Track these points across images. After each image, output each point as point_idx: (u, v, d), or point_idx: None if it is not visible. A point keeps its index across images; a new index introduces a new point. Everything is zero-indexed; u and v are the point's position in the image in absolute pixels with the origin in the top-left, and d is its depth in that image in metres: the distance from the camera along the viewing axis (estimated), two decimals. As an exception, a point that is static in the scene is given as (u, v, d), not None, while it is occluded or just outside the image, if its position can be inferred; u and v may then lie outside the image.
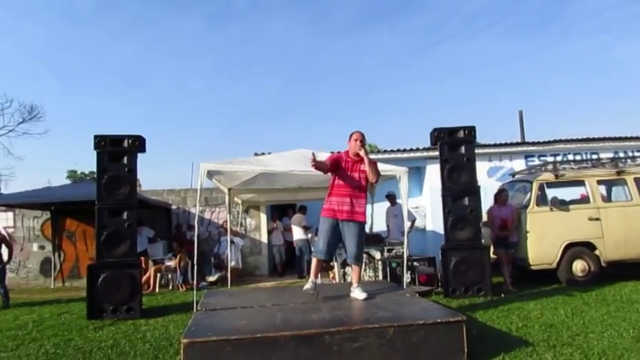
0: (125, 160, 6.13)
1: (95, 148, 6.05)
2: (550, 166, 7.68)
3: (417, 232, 10.49)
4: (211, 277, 9.77)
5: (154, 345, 4.47)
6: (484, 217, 7.60)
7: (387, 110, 64.47)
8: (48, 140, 53.94)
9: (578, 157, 11.34)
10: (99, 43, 52.81)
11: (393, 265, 7.12)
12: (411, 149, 11.44)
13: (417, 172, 11.50)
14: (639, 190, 7.14)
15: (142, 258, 9.28)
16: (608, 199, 7.57)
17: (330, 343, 3.33)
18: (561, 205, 7.15)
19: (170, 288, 9.42)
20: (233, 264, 9.45)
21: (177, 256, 9.42)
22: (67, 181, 32.88)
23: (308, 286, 4.50)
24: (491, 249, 7.10)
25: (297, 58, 66.86)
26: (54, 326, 5.59)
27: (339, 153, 4.74)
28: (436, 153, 6.85)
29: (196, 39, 65.71)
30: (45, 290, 10.26)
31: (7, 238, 7.91)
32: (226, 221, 9.87)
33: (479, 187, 6.74)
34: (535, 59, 61.01)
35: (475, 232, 6.49)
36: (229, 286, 8.63)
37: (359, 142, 4.49)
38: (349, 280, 7.46)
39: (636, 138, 11.59)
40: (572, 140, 11.74)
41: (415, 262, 7.25)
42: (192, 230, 11.11)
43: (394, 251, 7.64)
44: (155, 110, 62.75)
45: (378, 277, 7.32)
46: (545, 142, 11.76)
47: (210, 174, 6.55)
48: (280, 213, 11.54)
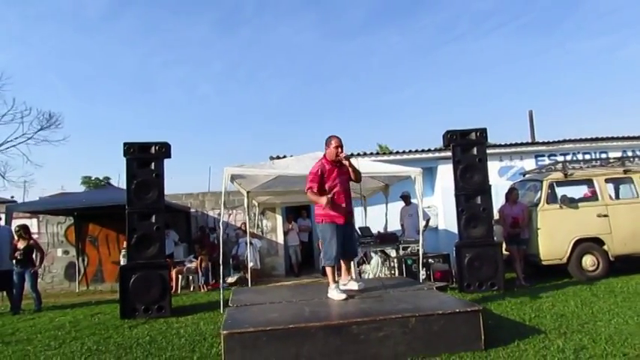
0: (153, 166, 6.47)
1: (124, 155, 6.39)
2: (559, 166, 7.91)
3: (430, 230, 10.71)
4: (231, 278, 10.07)
5: (188, 340, 4.78)
6: (496, 216, 7.86)
7: (397, 111, 64.69)
8: (60, 147, 54.76)
9: (587, 157, 11.51)
10: (108, 49, 53.71)
11: (408, 263, 7.39)
12: (423, 150, 11.69)
13: (428, 173, 11.74)
14: (646, 188, 7.36)
15: (169, 260, 9.69)
16: (616, 196, 7.80)
17: (358, 332, 3.62)
18: (570, 203, 7.38)
19: (192, 289, 9.75)
20: (252, 265, 9.75)
21: (199, 258, 9.75)
22: (82, 187, 33.55)
23: (342, 295, 4.57)
24: (504, 246, 7.36)
25: (306, 60, 67.35)
26: (90, 326, 5.92)
27: (318, 164, 4.75)
28: (447, 154, 7.12)
29: (205, 44, 66.48)
30: (70, 294, 10.67)
31: (38, 244, 8.26)
32: (244, 223, 10.19)
33: (490, 186, 7.00)
34: (545, 58, 60.94)
35: (487, 230, 6.74)
36: (249, 286, 8.93)
37: (340, 149, 4.63)
38: (365, 277, 7.78)
39: (643, 136, 11.73)
40: (581, 140, 11.92)
41: (430, 260, 7.51)
42: (213, 233, 11.50)
43: (409, 249, 7.91)
44: (166, 115, 63.55)
45: (394, 274, 7.59)
46: (555, 142, 11.95)
47: (233, 178, 6.87)
48: (295, 214, 11.86)
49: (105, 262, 11.59)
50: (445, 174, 10.76)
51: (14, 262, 7.55)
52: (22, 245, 7.55)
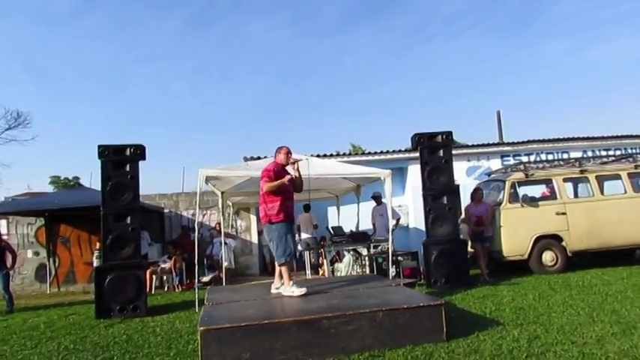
0: (128, 168, 6.54)
1: (99, 157, 6.44)
2: (521, 166, 8.34)
3: (401, 229, 11.06)
4: (205, 278, 10.16)
5: (164, 338, 4.90)
6: (462, 214, 8.23)
7: (370, 110, 65.34)
8: (28, 146, 53.20)
9: (550, 157, 12.11)
10: (77, 45, 52.38)
11: (379, 261, 7.66)
12: (394, 151, 12.04)
13: (399, 173, 12.08)
14: (600, 187, 7.86)
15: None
16: (574, 195, 8.28)
17: (328, 326, 3.83)
18: (531, 202, 7.81)
19: (166, 289, 9.80)
20: (226, 264, 9.86)
21: (173, 258, 9.81)
22: (50, 187, 32.76)
23: (303, 289, 4.77)
24: (469, 243, 7.72)
25: (279, 59, 67.25)
26: (65, 326, 5.95)
27: (272, 164, 5.07)
28: (418, 154, 7.41)
29: (177, 40, 65.58)
30: (41, 296, 10.54)
31: (10, 245, 8.19)
32: (219, 223, 10.29)
33: (458, 185, 7.34)
34: (513, 59, 62.64)
35: (453, 228, 7.09)
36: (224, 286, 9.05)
37: (290, 155, 5.05)
38: (338, 275, 8.02)
39: (602, 138, 12.40)
40: (544, 140, 12.50)
41: (399, 257, 7.80)
42: (193, 232, 11.56)
43: (380, 247, 8.19)
44: (138, 114, 62.46)
45: (365, 271, 7.85)
46: (520, 143, 12.50)
47: (208, 179, 6.99)
48: (270, 214, 11.99)
49: (77, 263, 11.48)
50: (416, 174, 11.02)
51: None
52: (-7, 247, 7.49)
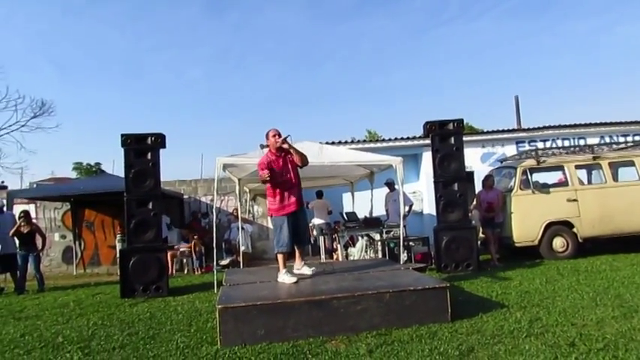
0: (149, 156, 6.84)
1: (122, 145, 6.75)
2: (533, 153, 8.39)
3: (415, 215, 11.21)
4: (223, 261, 10.52)
5: (185, 316, 5.22)
6: (474, 201, 8.36)
7: (386, 95, 64.82)
8: (53, 134, 54.50)
9: (566, 143, 12.06)
10: (95, 33, 53.00)
11: (391, 245, 7.88)
12: (409, 138, 12.12)
13: (413, 159, 12.20)
14: (612, 174, 7.88)
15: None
16: (587, 181, 8.31)
17: (338, 306, 4.08)
18: (542, 188, 7.89)
19: (185, 272, 10.20)
20: (243, 248, 10.19)
21: (193, 242, 10.18)
22: (73, 173, 33.66)
23: (293, 279, 4.91)
24: (480, 229, 7.86)
25: (295, 43, 66.98)
26: (93, 304, 6.35)
27: (264, 156, 5.05)
28: (430, 141, 7.53)
29: (194, 27, 65.78)
30: (68, 277, 11.06)
31: (40, 229, 8.65)
32: (236, 209, 10.60)
33: (472, 172, 7.46)
34: (534, 42, 61.15)
35: (464, 214, 7.24)
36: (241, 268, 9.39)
37: (277, 137, 4.92)
38: (351, 259, 8.26)
39: (619, 123, 12.26)
40: (560, 126, 12.42)
41: (411, 242, 8.00)
42: (206, 218, 11.93)
43: (392, 233, 8.39)
44: (155, 100, 63.18)
45: (378, 256, 8.08)
46: (535, 129, 12.44)
47: (225, 166, 7.25)
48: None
49: (101, 247, 11.98)
50: (430, 161, 11.08)
51: (18, 245, 7.94)
52: (25, 230, 7.92)
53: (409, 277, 4.91)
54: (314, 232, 10.20)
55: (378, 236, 8.47)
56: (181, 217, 12.13)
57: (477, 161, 11.76)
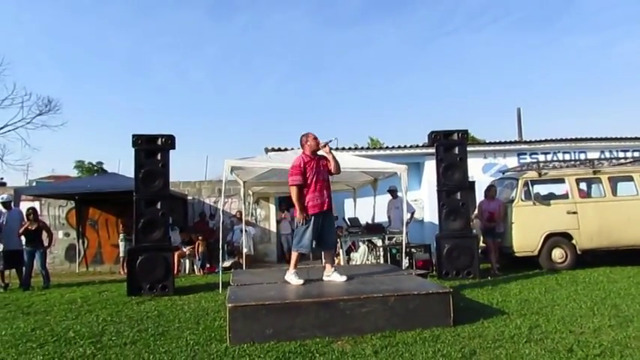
0: (159, 157, 6.98)
1: (133, 145, 6.89)
2: (534, 165, 8.55)
3: (416, 222, 11.35)
4: (226, 263, 10.62)
5: (193, 314, 5.34)
6: (476, 210, 8.51)
7: (389, 103, 65.24)
8: (58, 132, 54.63)
9: (567, 156, 12.23)
10: (100, 32, 53.36)
11: (393, 252, 8.01)
12: (411, 146, 12.29)
13: (416, 168, 12.35)
14: (612, 188, 8.05)
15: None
16: (587, 195, 8.47)
17: (344, 308, 4.20)
18: (543, 200, 8.04)
19: (186, 272, 10.30)
20: (246, 251, 10.32)
21: (197, 243, 10.30)
22: (75, 171, 33.81)
23: (300, 280, 4.98)
24: (481, 238, 8.01)
25: (300, 48, 67.35)
26: (100, 301, 6.45)
27: (299, 158, 5.03)
28: (434, 150, 7.69)
29: (200, 28, 66.17)
30: (71, 274, 11.15)
31: (47, 226, 8.77)
32: (239, 211, 10.75)
33: (474, 182, 7.61)
34: (538, 55, 61.69)
35: (466, 223, 7.39)
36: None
37: (319, 140, 5.00)
38: (353, 264, 8.38)
39: (619, 139, 12.44)
40: (561, 140, 12.59)
41: (413, 249, 8.14)
42: (212, 219, 12.08)
43: (394, 239, 8.53)
44: (160, 100, 63.47)
45: (379, 262, 8.20)
46: (537, 141, 12.61)
47: (232, 169, 7.39)
48: (288, 204, 12.40)
49: (104, 245, 12.09)
50: (432, 169, 11.23)
51: (25, 241, 8.04)
52: (32, 227, 8.04)
53: (413, 282, 5.04)
54: None
55: (380, 242, 8.60)
56: (185, 218, 12.26)
57: (478, 171, 11.91)
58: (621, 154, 11.87)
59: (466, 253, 7.24)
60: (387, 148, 12.65)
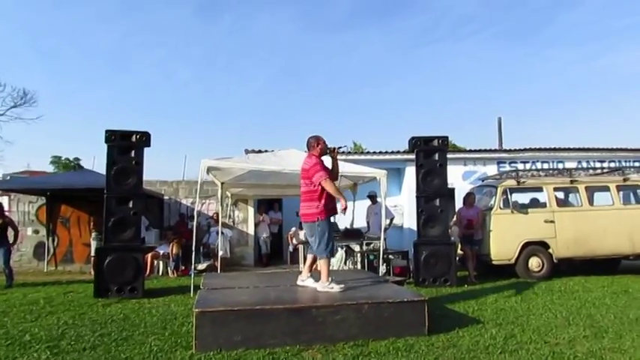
0: (133, 154, 6.75)
1: (106, 141, 6.64)
2: (513, 174, 8.56)
3: (395, 228, 11.30)
4: (201, 266, 10.37)
5: (160, 318, 5.13)
6: (455, 217, 8.47)
7: (373, 108, 65.55)
8: (33, 125, 53.19)
9: (545, 165, 12.37)
10: (83, 25, 52.35)
11: (370, 258, 7.91)
12: (392, 152, 12.24)
13: (396, 173, 12.30)
14: (589, 198, 8.10)
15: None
16: (564, 203, 8.51)
17: (316, 315, 4.07)
18: (521, 208, 8.05)
19: (161, 274, 10.02)
20: (222, 253, 10.08)
21: (171, 244, 10.03)
22: (51, 167, 32.99)
23: (341, 285, 4.76)
24: (459, 245, 7.97)
25: (286, 52, 67.25)
26: (64, 303, 6.17)
27: (314, 158, 4.90)
28: (414, 157, 7.62)
29: (185, 27, 65.54)
30: (38, 273, 10.72)
31: (13, 222, 8.42)
32: (216, 213, 10.52)
33: (454, 189, 7.56)
34: (520, 66, 62.84)
35: (444, 230, 7.34)
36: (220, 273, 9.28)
37: (330, 147, 4.98)
38: (330, 269, 8.24)
39: (597, 149, 12.62)
40: (540, 149, 12.71)
41: (390, 255, 8.04)
42: (192, 220, 11.79)
43: (372, 245, 8.42)
44: (143, 98, 62.55)
45: (357, 267, 8.09)
46: (517, 150, 12.70)
47: (209, 169, 7.20)
48: (267, 206, 12.24)
49: (75, 244, 11.68)
50: (412, 175, 11.16)
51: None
52: (-3, 223, 7.70)
53: (388, 290, 4.93)
54: (293, 241, 10.22)
55: (357, 247, 8.49)
56: (161, 218, 11.96)
57: (458, 179, 11.92)
58: (598, 164, 12.02)
59: (444, 260, 7.18)
60: (368, 153, 12.60)
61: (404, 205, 12.26)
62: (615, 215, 8.01)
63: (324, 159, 5.03)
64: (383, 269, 7.59)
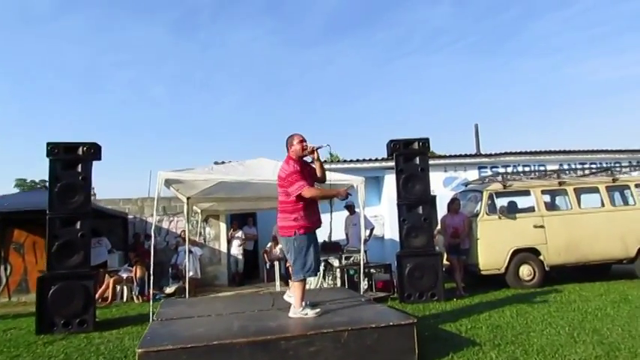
0: (79, 168, 6.01)
1: (48, 155, 5.89)
2: (499, 177, 8.08)
3: (376, 240, 10.71)
4: (169, 289, 9.56)
5: (107, 357, 4.40)
6: (439, 226, 7.92)
7: (349, 120, 65.36)
8: (-6, 147, 51.21)
9: (527, 169, 12.00)
10: (55, 45, 50.89)
11: (350, 273, 7.27)
12: (370, 159, 11.74)
13: (375, 182, 11.77)
14: (578, 200, 7.66)
15: (102, 270, 9.08)
16: (551, 207, 8.06)
17: (286, 348, 3.42)
18: (509, 214, 7.55)
19: (125, 300, 9.18)
20: (191, 274, 9.29)
21: (134, 267, 9.21)
22: (15, 190, 31.40)
23: (317, 309, 4.13)
24: (445, 256, 7.40)
25: (261, 67, 66.83)
26: (0, 343, 5.36)
27: (290, 163, 4.10)
28: (394, 163, 7.07)
29: (159, 45, 64.53)
30: (-11, 305, 9.77)
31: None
32: (184, 230, 9.76)
33: (435, 196, 7.02)
34: (492, 75, 63.85)
35: (428, 240, 6.77)
36: (187, 297, 8.51)
37: (304, 143, 4.11)
38: (308, 287, 7.57)
39: (578, 151, 12.38)
40: (521, 153, 12.43)
41: (372, 269, 7.44)
42: (149, 240, 10.92)
43: (352, 259, 7.80)
44: (114, 117, 61.01)
45: (336, 284, 7.45)
46: (497, 154, 12.36)
47: (169, 182, 6.50)
48: (240, 222, 11.51)
49: (31, 272, 10.67)
50: (392, 184, 10.62)
51: None
52: None
53: (371, 311, 4.30)
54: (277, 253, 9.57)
55: (336, 262, 7.85)
56: (125, 239, 11.10)
57: (439, 185, 11.47)
58: (579, 166, 11.72)
59: (429, 272, 6.60)
60: (345, 161, 12.05)
61: (384, 216, 11.72)
62: (606, 218, 7.57)
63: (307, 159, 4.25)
64: (364, 285, 6.98)
